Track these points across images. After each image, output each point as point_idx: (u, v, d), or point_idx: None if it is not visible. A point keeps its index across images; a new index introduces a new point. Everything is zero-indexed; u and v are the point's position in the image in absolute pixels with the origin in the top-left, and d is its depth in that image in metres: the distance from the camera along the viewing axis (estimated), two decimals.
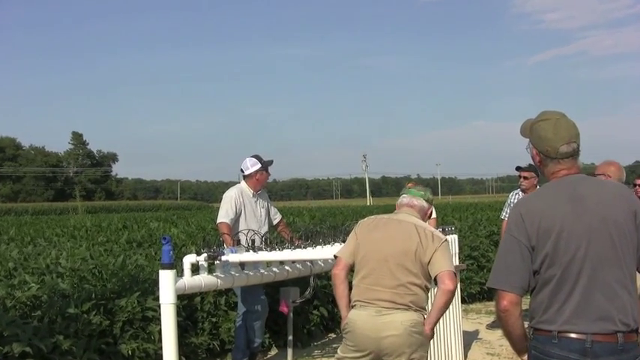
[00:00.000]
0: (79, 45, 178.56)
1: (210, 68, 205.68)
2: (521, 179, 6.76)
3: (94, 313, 4.47)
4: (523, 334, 2.38)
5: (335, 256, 3.61)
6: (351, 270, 3.53)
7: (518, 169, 6.76)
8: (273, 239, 4.82)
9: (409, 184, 4.13)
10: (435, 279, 3.37)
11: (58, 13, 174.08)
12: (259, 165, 5.73)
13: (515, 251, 2.32)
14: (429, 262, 3.36)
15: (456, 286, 3.47)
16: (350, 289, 3.50)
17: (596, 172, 4.37)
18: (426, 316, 3.40)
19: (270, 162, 5.85)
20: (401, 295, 3.33)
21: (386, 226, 3.50)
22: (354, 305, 3.43)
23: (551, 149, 2.39)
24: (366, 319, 3.34)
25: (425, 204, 3.64)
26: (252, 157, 5.79)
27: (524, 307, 2.46)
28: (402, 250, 3.37)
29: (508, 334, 2.40)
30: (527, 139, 2.49)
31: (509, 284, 2.31)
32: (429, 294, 3.55)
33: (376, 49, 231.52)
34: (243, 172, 5.77)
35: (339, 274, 3.50)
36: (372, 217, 3.65)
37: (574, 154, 2.40)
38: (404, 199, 3.66)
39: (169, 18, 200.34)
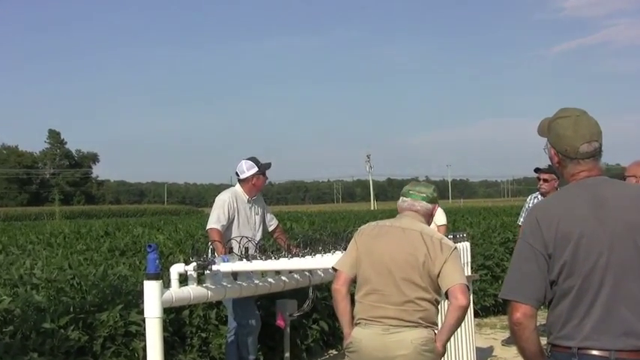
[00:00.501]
0: (58, 39, 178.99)
1: (200, 64, 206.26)
2: (541, 182, 6.77)
3: (72, 328, 4.47)
4: (539, 351, 2.38)
5: (334, 269, 3.60)
6: (353, 282, 3.52)
7: (537, 170, 6.78)
8: (269, 247, 4.82)
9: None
10: (446, 293, 3.36)
11: (34, 10, 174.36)
12: (256, 168, 5.74)
13: (530, 259, 2.32)
14: (439, 274, 3.36)
15: (469, 301, 3.46)
16: (352, 302, 3.50)
17: (625, 174, 4.35)
18: (437, 332, 3.40)
19: (268, 165, 5.85)
20: (409, 312, 3.32)
21: (389, 234, 3.48)
22: (358, 323, 3.42)
23: (571, 149, 2.40)
24: (373, 337, 3.34)
25: (428, 205, 3.62)
26: (248, 159, 5.80)
27: (543, 321, 2.47)
28: (409, 263, 3.36)
29: (522, 350, 2.40)
30: (545, 139, 2.51)
31: (524, 295, 2.31)
32: (440, 306, 3.54)
33: (382, 40, 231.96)
34: (238, 175, 5.78)
35: (340, 290, 3.49)
36: (374, 223, 3.64)
37: (595, 154, 2.41)
38: (404, 202, 3.63)
39: (155, 11, 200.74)
